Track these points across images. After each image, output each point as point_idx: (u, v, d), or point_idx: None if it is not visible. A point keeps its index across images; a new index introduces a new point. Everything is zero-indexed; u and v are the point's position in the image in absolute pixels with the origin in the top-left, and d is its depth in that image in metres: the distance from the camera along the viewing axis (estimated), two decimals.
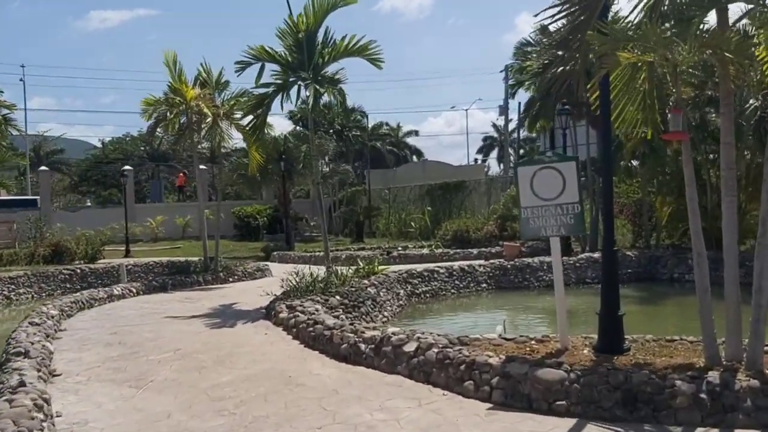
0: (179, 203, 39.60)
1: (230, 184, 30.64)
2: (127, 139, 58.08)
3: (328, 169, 31.57)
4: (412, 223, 32.47)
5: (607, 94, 6.24)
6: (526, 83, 19.69)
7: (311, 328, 7.84)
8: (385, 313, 11.90)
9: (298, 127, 34.52)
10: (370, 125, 54.14)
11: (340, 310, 10.47)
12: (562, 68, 18.28)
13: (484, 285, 15.63)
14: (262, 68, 11.93)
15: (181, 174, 41.53)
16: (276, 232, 31.62)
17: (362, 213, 32.63)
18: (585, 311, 12.36)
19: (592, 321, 10.78)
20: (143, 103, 16.43)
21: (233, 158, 27.16)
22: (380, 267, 14.40)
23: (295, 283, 10.95)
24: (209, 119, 15.87)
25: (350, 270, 13.25)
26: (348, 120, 37.15)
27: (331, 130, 37.15)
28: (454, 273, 15.43)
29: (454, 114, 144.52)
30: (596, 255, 16.41)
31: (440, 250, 20.52)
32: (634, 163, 20.79)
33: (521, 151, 53.75)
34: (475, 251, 19.94)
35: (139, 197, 46.24)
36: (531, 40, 21.62)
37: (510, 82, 22.01)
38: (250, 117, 12.26)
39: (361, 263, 14.00)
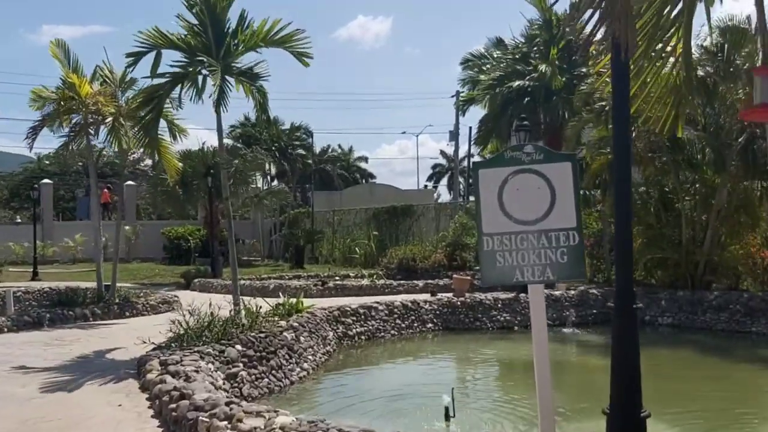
0: (104, 222, 36.29)
1: (149, 203, 27.79)
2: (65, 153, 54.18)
3: (264, 187, 29.01)
4: (357, 249, 30.16)
5: (623, 78, 4.08)
6: (479, 99, 17.75)
7: (175, 404, 5.40)
8: (306, 365, 9.48)
9: (237, 144, 31.97)
10: (319, 148, 51.96)
11: (241, 364, 8.04)
12: (519, 83, 16.47)
13: (430, 325, 13.38)
14: (158, 56, 9.55)
15: (105, 189, 38.28)
16: (210, 256, 28.83)
17: (303, 237, 30.10)
18: (577, 371, 10.24)
19: (587, 393, 8.61)
20: (32, 93, 13.76)
21: (153, 172, 24.40)
22: (305, 304, 12.01)
23: (185, 326, 8.46)
24: (109, 120, 13.30)
25: (264, 308, 10.82)
26: (291, 138, 34.73)
27: (273, 147, 34.66)
28: (396, 310, 13.14)
29: (407, 142, 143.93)
30: (557, 293, 14.41)
31: (382, 281, 18.25)
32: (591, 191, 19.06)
33: (466, 182, 52.26)
34: (420, 283, 17.74)
35: (69, 215, 42.73)
36: (485, 53, 19.85)
37: (462, 95, 20.15)
38: (142, 114, 9.78)
39: (282, 298, 11.57)
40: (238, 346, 8.22)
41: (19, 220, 37.69)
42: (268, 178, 37.00)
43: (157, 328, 9.44)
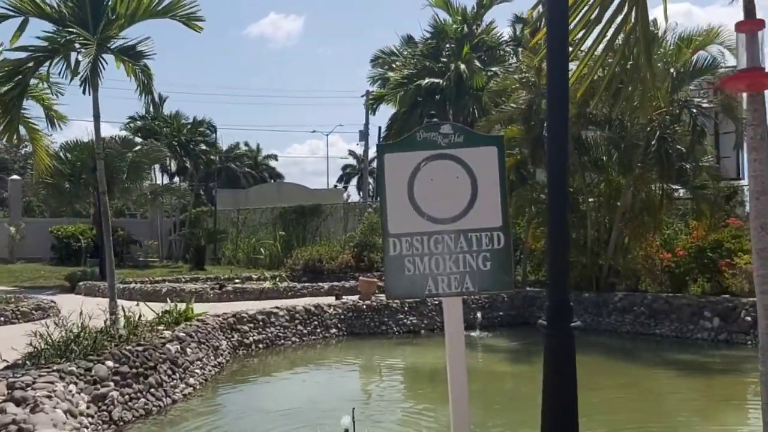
0: None
1: (41, 199, 25.60)
2: None
3: (153, 183, 27.33)
4: (262, 250, 28.99)
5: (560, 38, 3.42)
6: (389, 97, 17.19)
7: None
8: (192, 380, 8.50)
9: (137, 137, 29.99)
10: (227, 146, 50.06)
11: (112, 383, 7.00)
12: (430, 80, 16.04)
13: (334, 331, 12.64)
14: (23, 24, 8.29)
15: None
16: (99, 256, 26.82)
17: (204, 237, 28.62)
18: (487, 379, 9.75)
19: (500, 405, 7.75)
20: None
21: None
22: (199, 310, 11.00)
23: (47, 340, 7.29)
24: None
25: (149, 316, 9.74)
26: (194, 133, 33.04)
27: (174, 142, 32.86)
28: (298, 315, 12.32)
29: (318, 142, 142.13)
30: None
31: (285, 284, 17.34)
32: None
33: (376, 182, 52.11)
34: (326, 285, 16.97)
35: None
36: (395, 50, 19.35)
37: (372, 93, 19.55)
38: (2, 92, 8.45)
39: (170, 304, 10.49)
40: (109, 362, 7.17)
41: None
42: (168, 174, 35.08)
43: (25, 339, 8.19)
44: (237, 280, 19.06)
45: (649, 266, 14.34)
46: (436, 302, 13.58)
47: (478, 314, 13.32)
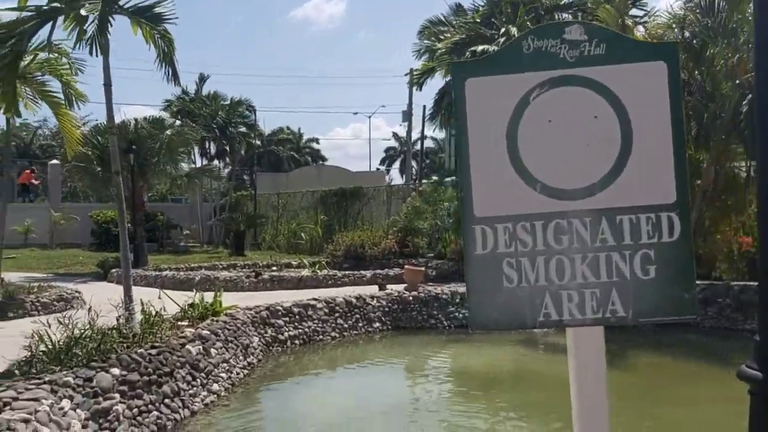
0: (23, 205, 33.21)
1: (77, 181, 25.02)
2: None
3: (193, 166, 26.46)
4: (303, 234, 27.99)
5: None
6: (439, 66, 15.74)
7: None
8: (216, 386, 7.40)
9: (177, 120, 29.18)
10: (269, 130, 49.31)
11: (117, 394, 5.92)
12: (483, 47, 14.54)
13: (378, 325, 11.43)
14: None
15: (28, 171, 35.03)
16: (145, 241, 26.14)
17: (244, 221, 27.71)
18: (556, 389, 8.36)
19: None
20: None
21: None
22: (231, 301, 9.93)
23: (45, 342, 6.24)
24: None
25: (173, 309, 8.68)
26: (232, 113, 32.10)
27: (213, 125, 32.01)
28: (337, 308, 11.14)
29: (361, 125, 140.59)
30: None
31: (325, 272, 16.19)
32: None
33: (426, 161, 50.49)
34: (368, 273, 15.77)
35: None
36: (444, 19, 17.86)
37: (417, 69, 18.16)
38: None
39: (197, 296, 9.41)
40: (115, 370, 6.08)
41: None
42: (208, 157, 34.31)
43: (42, 330, 7.19)
44: (274, 268, 18.03)
45: (726, 251, 12.71)
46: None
47: None
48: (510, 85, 1.92)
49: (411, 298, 11.78)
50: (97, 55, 7.35)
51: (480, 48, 14.56)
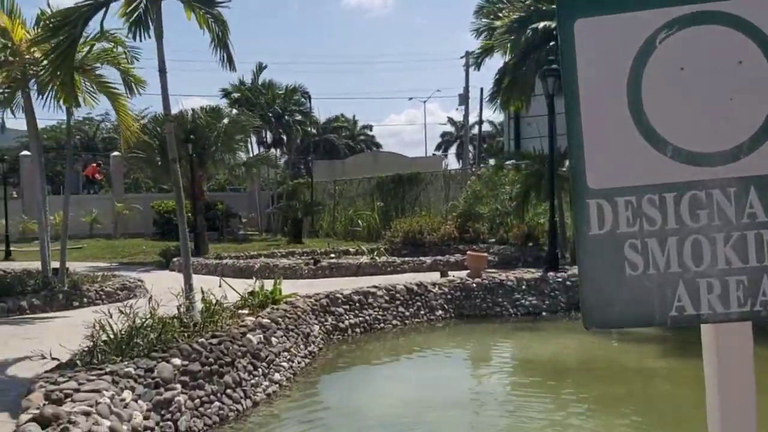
0: (89, 196, 34.25)
1: (129, 171, 25.50)
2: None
3: (250, 155, 26.54)
4: (360, 221, 27.86)
5: None
6: (498, 45, 15.16)
7: None
8: (278, 376, 7.23)
9: (233, 109, 29.40)
10: (323, 117, 49.37)
11: (179, 385, 5.79)
12: (545, 23, 13.88)
13: (440, 312, 11.10)
14: None
15: (94, 164, 36.07)
16: (206, 229, 26.52)
17: (301, 209, 27.78)
18: (647, 382, 7.84)
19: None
20: None
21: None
22: (291, 289, 9.78)
23: (106, 332, 6.17)
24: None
25: (233, 298, 8.58)
26: (287, 101, 32.15)
27: (269, 113, 32.15)
28: (398, 296, 10.85)
29: (416, 111, 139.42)
30: None
31: (384, 258, 15.94)
32: None
33: (483, 145, 49.60)
34: (428, 260, 15.43)
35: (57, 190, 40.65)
36: None
37: (474, 51, 17.61)
38: (54, 49, 7.33)
39: (257, 284, 9.30)
40: (177, 360, 5.96)
41: (15, 195, 35.52)
42: (265, 146, 34.53)
43: (104, 319, 7.17)
44: (333, 255, 17.91)
45: None
46: (559, 279, 11.77)
47: None
48: (631, 25, 1.54)
49: (474, 284, 11.40)
50: (148, 37, 7.23)
51: (541, 24, 13.95)
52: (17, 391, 5.74)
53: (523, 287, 11.51)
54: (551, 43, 14.82)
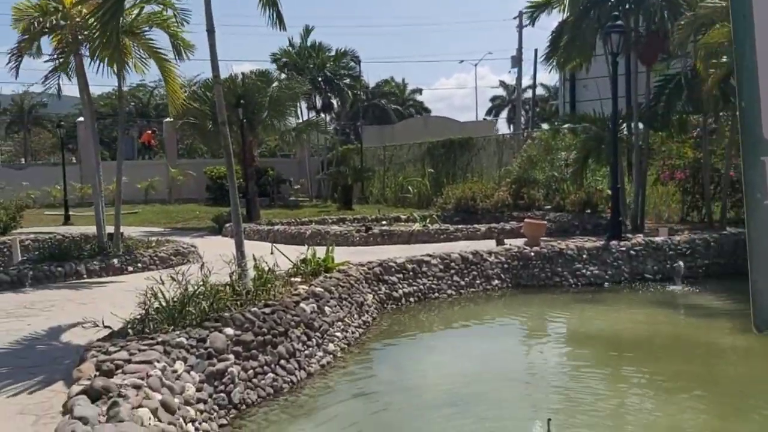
0: (144, 162, 34.77)
1: (183, 137, 25.60)
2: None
3: (300, 121, 26.26)
4: (410, 188, 27.50)
5: None
6: (553, 2, 14.37)
7: None
8: (332, 346, 7.02)
9: (282, 74, 29.13)
10: (372, 82, 48.79)
11: (232, 355, 5.62)
12: None
13: (497, 282, 10.72)
14: None
15: (149, 131, 36.51)
16: (257, 195, 26.64)
17: (351, 175, 27.53)
18: (721, 356, 7.30)
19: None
20: (14, 10, 11.39)
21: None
22: (342, 257, 9.54)
23: (158, 300, 6.02)
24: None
25: (285, 265, 8.39)
26: (337, 66, 31.70)
27: (319, 78, 31.80)
28: (453, 264, 10.51)
29: (466, 75, 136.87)
30: (658, 239, 11.49)
31: (436, 226, 15.58)
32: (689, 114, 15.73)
33: (531, 112, 48.22)
34: (482, 228, 15.01)
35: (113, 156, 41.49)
36: None
37: (526, 11, 16.77)
38: (100, 7, 7.09)
39: (309, 251, 9.09)
40: (229, 329, 5.79)
41: (53, 162, 36.32)
42: (315, 111, 34.26)
43: (156, 286, 7.06)
44: (384, 222, 17.62)
45: None
46: (622, 248, 11.21)
47: (680, 263, 10.76)
48: None
49: (533, 253, 10.95)
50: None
51: None
52: (71, 359, 5.68)
53: (584, 256, 11.01)
54: (611, 1, 13.98)
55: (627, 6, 13.88)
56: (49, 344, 6.47)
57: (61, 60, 11.66)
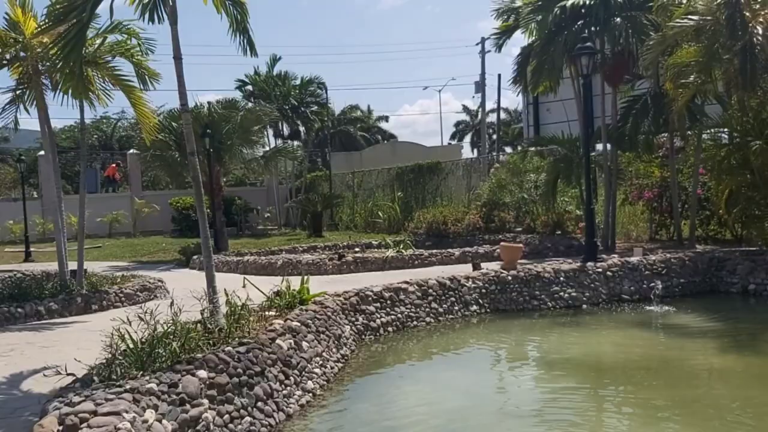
0: (108, 195, 34.02)
1: (147, 169, 25.10)
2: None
3: (267, 146, 25.97)
4: (380, 213, 27.34)
5: None
6: (524, 24, 14.47)
7: None
8: (310, 384, 6.71)
9: (249, 102, 28.81)
10: (338, 109, 48.82)
11: (206, 400, 5.29)
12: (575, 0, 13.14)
13: (475, 307, 10.53)
14: None
15: (114, 164, 35.85)
16: (225, 225, 26.10)
17: (320, 202, 27.27)
18: (704, 378, 7.14)
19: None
20: None
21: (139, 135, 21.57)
22: (316, 288, 9.25)
23: (125, 343, 5.66)
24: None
25: (258, 298, 8.08)
26: (303, 93, 31.57)
27: (286, 106, 31.60)
28: (431, 291, 10.30)
29: (429, 101, 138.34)
30: (633, 259, 11.47)
31: (410, 251, 15.39)
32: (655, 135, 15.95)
33: (496, 135, 48.71)
34: (456, 252, 14.87)
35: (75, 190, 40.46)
36: None
37: (488, 37, 16.87)
38: (62, 38, 6.78)
39: (283, 282, 8.78)
40: (203, 372, 5.45)
41: (14, 197, 35.30)
42: (282, 139, 34.03)
43: (123, 327, 6.65)
44: (357, 249, 17.37)
45: None
46: (599, 270, 11.15)
47: (657, 283, 10.74)
48: None
49: (510, 277, 10.81)
50: (160, 22, 6.69)
51: (570, 2, 13.25)
52: (33, 410, 5.28)
53: (561, 279, 10.92)
54: (579, 22, 14.14)
55: (593, 28, 14.03)
56: (8, 393, 6.03)
57: (20, 91, 11.26)
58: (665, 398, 6.57)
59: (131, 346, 5.64)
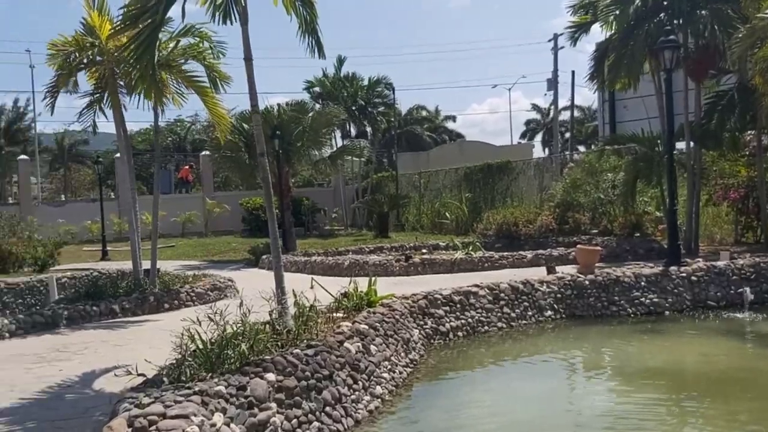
0: (181, 196, 34.96)
1: (218, 170, 25.59)
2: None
3: (334, 147, 25.99)
4: (447, 214, 26.95)
5: None
6: (602, 17, 13.86)
7: None
8: (379, 389, 6.52)
9: (317, 104, 29.05)
10: (405, 109, 48.73)
11: (274, 404, 5.17)
12: None
13: (549, 313, 10.10)
14: None
15: (187, 166, 36.84)
16: (293, 226, 26.38)
17: (387, 202, 27.15)
18: None
19: None
20: (49, 46, 11.37)
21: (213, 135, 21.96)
22: (383, 290, 9.05)
23: (194, 343, 5.62)
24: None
25: (325, 299, 7.95)
26: (371, 94, 31.55)
27: (353, 107, 31.68)
28: (502, 295, 9.93)
29: (498, 100, 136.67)
30: (720, 264, 10.77)
31: (480, 254, 15.01)
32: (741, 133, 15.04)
33: (569, 134, 47.46)
34: (528, 254, 14.41)
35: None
36: None
37: (561, 33, 16.28)
38: (134, 39, 6.84)
39: (351, 284, 8.63)
40: (271, 375, 5.33)
41: (92, 198, 36.72)
42: (350, 139, 34.17)
43: (193, 328, 6.64)
44: (424, 250, 17.11)
45: None
46: (683, 274, 10.52)
47: (746, 289, 10.03)
48: None
49: (587, 281, 10.32)
50: (231, 23, 6.65)
51: None
52: (103, 410, 5.30)
53: (642, 283, 10.35)
54: (661, 15, 13.45)
55: (675, 21, 13.31)
56: (81, 393, 6.11)
57: (97, 95, 11.60)
58: (753, 412, 6.06)
59: (200, 346, 5.59)
